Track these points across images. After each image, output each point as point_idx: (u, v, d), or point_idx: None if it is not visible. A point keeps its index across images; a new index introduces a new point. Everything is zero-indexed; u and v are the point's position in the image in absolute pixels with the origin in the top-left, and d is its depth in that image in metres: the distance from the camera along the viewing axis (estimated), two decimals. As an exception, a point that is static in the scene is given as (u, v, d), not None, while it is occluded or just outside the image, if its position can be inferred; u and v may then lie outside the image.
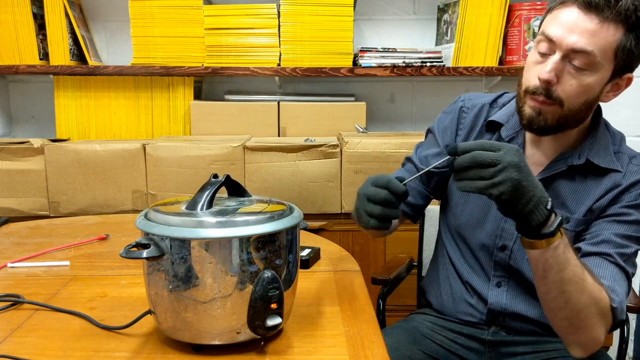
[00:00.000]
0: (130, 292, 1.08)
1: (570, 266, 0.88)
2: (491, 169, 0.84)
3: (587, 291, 0.90)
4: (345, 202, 1.88)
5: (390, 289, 1.48)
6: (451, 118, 1.25)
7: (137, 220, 0.85)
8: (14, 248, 1.34)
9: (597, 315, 0.91)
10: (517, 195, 0.84)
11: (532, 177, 0.87)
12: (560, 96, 1.01)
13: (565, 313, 0.91)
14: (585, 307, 0.89)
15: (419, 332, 1.23)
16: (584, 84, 1.00)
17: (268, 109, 2.07)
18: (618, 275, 0.99)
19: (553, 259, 0.87)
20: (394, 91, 2.28)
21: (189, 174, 1.83)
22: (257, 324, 0.82)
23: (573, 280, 0.88)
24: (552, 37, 1.00)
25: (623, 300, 0.96)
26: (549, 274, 0.88)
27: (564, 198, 1.10)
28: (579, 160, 1.09)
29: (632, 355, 2.33)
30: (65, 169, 1.85)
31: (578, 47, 0.97)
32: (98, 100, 2.10)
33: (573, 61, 0.99)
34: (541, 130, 1.06)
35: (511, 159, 0.84)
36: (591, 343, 0.93)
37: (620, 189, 1.06)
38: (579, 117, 1.05)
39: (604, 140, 1.11)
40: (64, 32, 2.02)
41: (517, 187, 0.84)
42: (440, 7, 2.17)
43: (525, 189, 0.85)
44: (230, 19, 2.01)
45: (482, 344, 1.19)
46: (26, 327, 0.93)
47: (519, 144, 1.15)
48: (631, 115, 2.26)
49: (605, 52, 0.98)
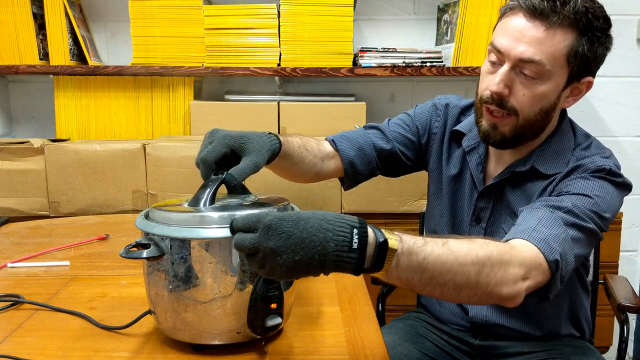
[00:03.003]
0: (130, 292, 1.08)
1: (430, 264, 0.74)
2: (256, 257, 0.69)
3: (467, 263, 0.76)
4: (345, 202, 1.88)
5: (390, 289, 1.48)
6: (426, 113, 1.24)
7: (137, 220, 0.85)
8: (14, 248, 1.34)
9: (497, 267, 0.78)
10: (299, 269, 0.67)
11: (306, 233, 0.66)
12: (514, 106, 0.99)
13: (465, 294, 0.79)
14: (478, 274, 0.77)
15: (416, 331, 1.23)
16: (537, 93, 0.98)
17: (268, 109, 2.07)
18: (547, 219, 0.90)
19: (405, 276, 0.73)
20: (394, 91, 2.28)
21: (189, 174, 1.83)
22: (257, 324, 0.82)
23: (444, 269, 0.75)
24: (500, 48, 0.98)
25: (550, 237, 0.86)
26: (415, 285, 0.75)
27: (512, 203, 1.08)
28: (523, 167, 1.07)
29: (632, 355, 2.33)
30: (65, 169, 1.85)
31: (526, 57, 0.95)
32: (98, 100, 2.10)
33: (523, 70, 0.97)
34: (498, 143, 1.05)
35: (268, 244, 0.66)
36: (511, 294, 0.80)
37: (557, 179, 1.03)
38: (536, 127, 1.03)
39: (561, 146, 1.07)
40: (64, 32, 2.02)
41: (290, 268, 0.67)
42: (440, 7, 2.17)
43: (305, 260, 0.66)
44: (230, 19, 2.01)
45: (472, 348, 1.19)
46: (26, 327, 0.93)
47: (480, 153, 1.14)
48: (631, 115, 2.26)
49: (555, 59, 0.95)
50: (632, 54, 2.23)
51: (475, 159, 1.15)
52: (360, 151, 1.20)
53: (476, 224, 1.14)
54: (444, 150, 1.21)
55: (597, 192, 0.97)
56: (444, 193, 1.20)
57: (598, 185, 0.98)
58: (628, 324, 1.29)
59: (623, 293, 1.37)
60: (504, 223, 1.10)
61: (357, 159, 1.20)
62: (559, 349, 1.12)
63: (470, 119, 1.17)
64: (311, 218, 0.68)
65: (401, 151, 1.23)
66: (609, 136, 2.25)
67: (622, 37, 2.21)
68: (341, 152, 1.19)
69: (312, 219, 0.68)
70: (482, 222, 1.13)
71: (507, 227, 1.06)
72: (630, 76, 2.24)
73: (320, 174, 1.19)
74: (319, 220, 0.68)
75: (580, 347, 1.15)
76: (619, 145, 2.25)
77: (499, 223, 1.12)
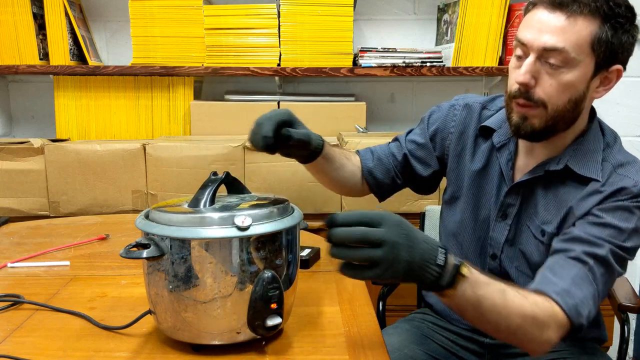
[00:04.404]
0: (130, 292, 1.08)
1: (486, 301, 0.83)
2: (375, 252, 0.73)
3: (514, 314, 0.85)
4: (345, 202, 1.88)
5: (390, 289, 1.48)
6: (441, 114, 1.26)
7: (137, 220, 0.85)
8: (14, 248, 1.34)
9: (536, 328, 0.87)
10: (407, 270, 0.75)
11: (416, 240, 0.76)
12: (541, 97, 1.00)
13: (501, 336, 0.90)
14: (519, 327, 0.86)
15: (421, 333, 1.23)
16: (563, 82, 0.99)
17: (268, 109, 2.04)
18: (580, 277, 0.93)
19: (463, 302, 0.82)
20: (394, 91, 2.28)
21: (189, 174, 1.83)
22: (257, 324, 0.82)
23: (495, 311, 0.84)
24: (524, 41, 1.00)
25: (580, 303, 0.91)
26: (466, 314, 0.86)
27: (541, 203, 1.08)
28: (557, 166, 1.06)
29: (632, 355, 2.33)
30: (65, 169, 1.85)
31: (549, 46, 0.97)
32: (98, 100, 2.10)
33: (548, 60, 0.98)
34: (529, 136, 1.05)
35: (399, 239, 0.74)
36: (539, 350, 0.89)
37: (599, 197, 1.01)
38: (567, 118, 1.02)
39: (592, 146, 1.07)
40: (64, 32, 2.02)
41: (404, 267, 0.75)
42: (440, 7, 2.17)
43: (411, 261, 0.75)
44: (230, 19, 2.01)
45: (481, 346, 1.19)
46: (26, 327, 0.93)
47: (510, 150, 1.14)
48: (631, 115, 2.26)
49: (580, 46, 0.97)
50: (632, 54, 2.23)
51: (505, 155, 1.14)
52: (379, 160, 1.28)
53: (502, 220, 1.13)
54: (468, 146, 1.20)
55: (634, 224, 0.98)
56: (466, 189, 1.19)
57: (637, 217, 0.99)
58: (628, 324, 1.29)
59: (623, 293, 1.36)
60: (529, 221, 1.09)
61: (375, 168, 1.27)
62: (568, 349, 1.12)
63: (499, 115, 1.17)
64: (414, 228, 0.78)
65: (415, 156, 1.27)
66: (609, 136, 2.25)
67: (622, 37, 2.21)
68: (362, 162, 1.28)
69: (415, 230, 0.78)
70: (508, 219, 1.12)
71: (533, 226, 1.08)
72: (631, 76, 2.24)
73: (358, 185, 1.28)
74: (420, 233, 0.78)
75: (589, 347, 1.15)
76: (619, 145, 2.25)
77: (524, 221, 1.11)
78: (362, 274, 0.75)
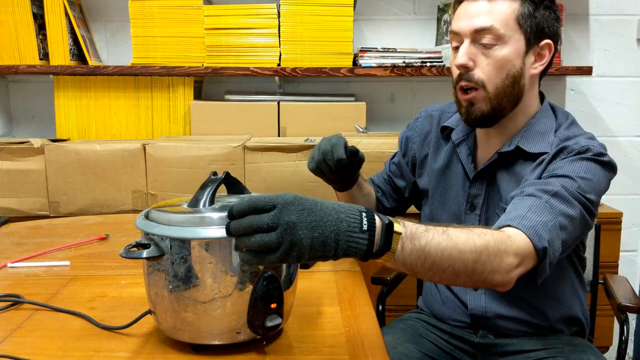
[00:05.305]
0: (130, 292, 1.08)
1: (432, 249, 0.77)
2: (272, 238, 0.67)
3: (466, 251, 0.80)
4: (345, 202, 1.88)
5: (390, 289, 1.48)
6: (407, 130, 1.35)
7: (137, 220, 0.85)
8: (14, 248, 1.34)
9: (493, 257, 0.82)
10: (316, 247, 0.68)
11: (322, 212, 0.69)
12: (481, 78, 1.07)
13: (463, 279, 0.82)
14: (475, 262, 0.80)
15: (415, 332, 1.24)
16: (499, 58, 1.05)
17: (268, 109, 2.07)
18: (536, 206, 0.93)
19: (409, 260, 0.76)
20: (394, 91, 2.28)
21: (189, 174, 1.83)
22: (257, 324, 0.82)
23: (445, 256, 0.78)
24: (457, 30, 1.08)
25: (537, 225, 0.89)
26: (417, 271, 0.78)
27: (503, 188, 1.12)
28: (509, 147, 1.11)
29: (632, 355, 2.33)
30: (65, 169, 1.85)
31: (479, 26, 1.05)
32: (98, 100, 2.10)
33: (482, 41, 1.05)
34: (479, 120, 1.10)
35: (291, 218, 0.67)
36: (505, 280, 0.84)
37: (545, 163, 1.06)
38: (509, 95, 1.08)
39: (544, 127, 1.12)
40: (64, 32, 2.02)
41: (309, 245, 0.68)
42: (440, 7, 2.17)
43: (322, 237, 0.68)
44: (230, 19, 2.01)
45: (472, 346, 1.19)
46: (26, 327, 0.93)
47: (469, 145, 1.19)
48: (631, 115, 2.26)
49: (506, 22, 1.05)
50: (632, 53, 2.23)
51: (465, 149, 1.20)
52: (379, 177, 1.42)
53: (470, 211, 1.17)
54: (431, 149, 1.27)
55: (582, 173, 1.00)
56: (433, 188, 1.25)
57: (584, 166, 1.01)
58: (628, 324, 1.29)
59: (623, 293, 1.37)
60: (498, 209, 1.13)
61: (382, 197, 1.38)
62: (558, 347, 1.12)
63: (457, 115, 1.21)
64: (325, 201, 0.72)
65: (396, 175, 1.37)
66: (609, 136, 2.25)
67: (622, 37, 2.21)
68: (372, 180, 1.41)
69: (326, 202, 0.71)
70: (477, 210, 1.16)
71: (501, 213, 1.07)
72: (630, 76, 2.25)
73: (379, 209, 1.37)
74: (332, 204, 0.71)
75: (580, 345, 1.15)
76: (618, 145, 2.25)
77: (492, 209, 1.15)
78: (261, 259, 0.69)
